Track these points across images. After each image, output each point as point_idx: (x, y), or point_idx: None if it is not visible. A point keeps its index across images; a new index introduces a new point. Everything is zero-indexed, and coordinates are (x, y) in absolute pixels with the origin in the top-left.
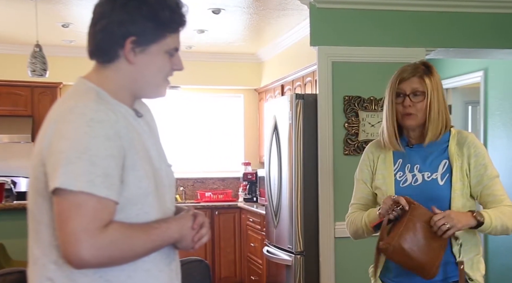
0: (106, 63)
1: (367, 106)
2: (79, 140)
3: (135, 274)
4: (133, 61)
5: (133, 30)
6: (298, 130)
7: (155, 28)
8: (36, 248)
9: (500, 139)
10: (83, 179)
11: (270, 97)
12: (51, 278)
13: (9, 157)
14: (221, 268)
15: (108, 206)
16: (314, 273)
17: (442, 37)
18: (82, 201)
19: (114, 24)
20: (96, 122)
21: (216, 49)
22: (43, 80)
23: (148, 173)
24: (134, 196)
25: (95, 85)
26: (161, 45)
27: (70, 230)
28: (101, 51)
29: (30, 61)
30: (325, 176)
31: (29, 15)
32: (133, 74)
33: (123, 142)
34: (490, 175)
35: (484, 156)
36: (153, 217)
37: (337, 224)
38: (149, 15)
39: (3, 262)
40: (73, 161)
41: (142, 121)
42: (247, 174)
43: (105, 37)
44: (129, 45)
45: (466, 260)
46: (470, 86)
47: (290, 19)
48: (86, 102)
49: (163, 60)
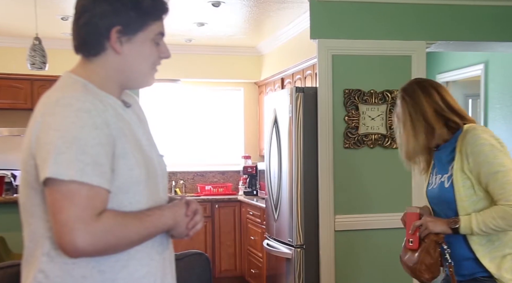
0: (92, 57)
1: (367, 100)
2: (67, 131)
3: (128, 263)
4: (120, 51)
5: (117, 20)
6: (298, 123)
7: (139, 17)
8: (29, 241)
9: (500, 132)
10: (73, 168)
11: (270, 90)
12: (43, 270)
13: (9, 150)
14: (221, 261)
15: (100, 194)
16: (314, 266)
17: (442, 30)
18: (74, 190)
19: (98, 17)
20: (83, 112)
21: (216, 42)
22: (42, 73)
23: (140, 162)
24: (126, 184)
25: (82, 78)
26: (146, 33)
27: (64, 220)
28: (87, 44)
29: (30, 54)
30: (325, 169)
31: (29, 8)
32: (121, 65)
33: (112, 130)
34: (486, 172)
35: (480, 153)
36: (145, 206)
37: (337, 217)
38: (132, 4)
39: (4, 255)
40: (63, 151)
41: (131, 111)
42: (247, 167)
43: (90, 31)
44: (115, 35)
45: (491, 257)
46: (470, 79)
47: (290, 12)
48: (73, 93)
49: (150, 49)
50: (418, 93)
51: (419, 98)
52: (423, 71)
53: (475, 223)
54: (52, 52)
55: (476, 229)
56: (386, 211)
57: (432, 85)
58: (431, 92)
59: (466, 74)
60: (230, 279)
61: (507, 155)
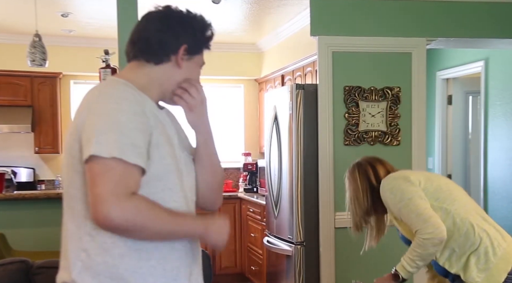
0: (153, 63)
1: (368, 97)
2: (109, 115)
3: (163, 245)
4: (182, 66)
5: (186, 40)
6: (298, 120)
7: (201, 42)
8: (70, 223)
9: (500, 129)
10: (114, 147)
11: (270, 87)
12: (86, 249)
13: (9, 147)
14: (222, 258)
15: (134, 174)
16: (314, 263)
17: (442, 27)
18: (112, 167)
19: (171, 36)
20: (123, 99)
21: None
22: (42, 70)
23: (172, 154)
24: (159, 171)
25: (124, 79)
26: (199, 58)
27: (99, 192)
28: (155, 52)
29: (30, 51)
30: (325, 166)
31: (29, 5)
32: (176, 77)
33: (149, 120)
34: (395, 213)
35: (386, 201)
36: (177, 195)
37: (337, 214)
38: (200, 30)
39: (4, 251)
40: (104, 132)
41: (164, 113)
42: (247, 164)
43: (162, 46)
44: (182, 52)
45: (459, 267)
46: (470, 76)
47: (290, 9)
48: (114, 86)
49: (197, 71)
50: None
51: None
52: (423, 68)
53: (406, 264)
54: (52, 49)
55: (409, 268)
56: None
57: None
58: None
59: (467, 71)
60: (230, 276)
61: (404, 186)
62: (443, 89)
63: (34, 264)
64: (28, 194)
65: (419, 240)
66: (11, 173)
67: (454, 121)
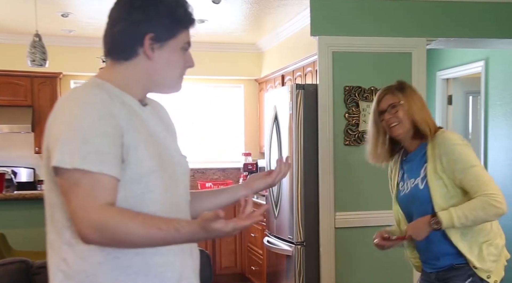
0: (123, 60)
1: (368, 97)
2: (72, 122)
3: (144, 251)
4: (152, 57)
5: (151, 28)
6: (298, 120)
7: (172, 24)
8: (52, 232)
9: (500, 129)
10: (76, 156)
11: (271, 87)
12: (65, 259)
13: (9, 147)
14: (222, 258)
15: (102, 182)
16: (315, 263)
17: (443, 27)
18: (77, 179)
19: (133, 25)
20: (87, 104)
21: (216, 39)
22: (42, 70)
23: (153, 154)
24: (137, 174)
25: (102, 80)
26: (176, 42)
27: (72, 208)
28: (121, 49)
29: (30, 51)
30: (325, 166)
31: (29, 5)
32: (150, 69)
33: (119, 121)
34: (461, 168)
35: (454, 151)
36: (159, 196)
37: (337, 214)
38: (166, 12)
39: (4, 251)
40: (67, 142)
41: (148, 110)
42: (248, 164)
43: (125, 38)
44: (148, 41)
45: (470, 249)
46: (471, 76)
47: (290, 9)
48: (83, 89)
49: (178, 56)
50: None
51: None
52: (423, 68)
53: (455, 216)
54: (52, 49)
55: (457, 223)
56: (387, 208)
57: None
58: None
59: (467, 71)
60: (231, 276)
61: (474, 154)
62: (443, 89)
63: (34, 264)
64: (28, 194)
65: (485, 202)
66: (11, 173)
67: (454, 121)
